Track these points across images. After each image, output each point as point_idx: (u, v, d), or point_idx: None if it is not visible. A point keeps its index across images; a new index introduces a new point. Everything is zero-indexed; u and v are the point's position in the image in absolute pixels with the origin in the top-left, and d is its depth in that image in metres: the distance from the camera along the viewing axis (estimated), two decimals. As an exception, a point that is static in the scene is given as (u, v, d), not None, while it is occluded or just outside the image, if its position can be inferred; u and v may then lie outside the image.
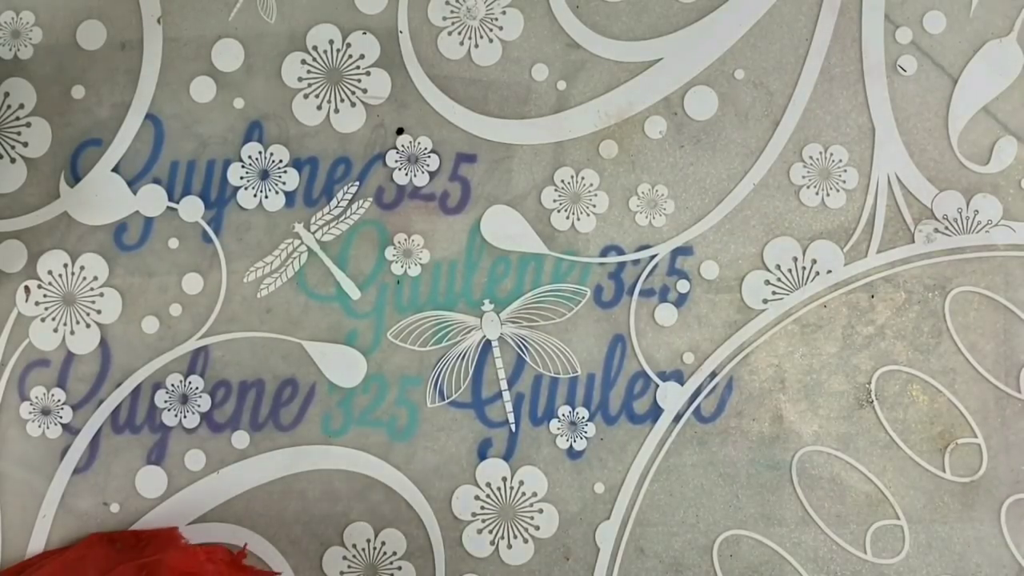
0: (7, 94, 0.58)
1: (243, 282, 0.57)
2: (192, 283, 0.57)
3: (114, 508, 0.56)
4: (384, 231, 0.57)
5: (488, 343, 0.56)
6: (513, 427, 0.56)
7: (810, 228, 0.56)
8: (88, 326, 0.57)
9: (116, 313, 0.57)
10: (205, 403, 0.56)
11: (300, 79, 0.58)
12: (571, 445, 0.56)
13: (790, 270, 0.56)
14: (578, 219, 0.56)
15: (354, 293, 0.57)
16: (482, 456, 0.56)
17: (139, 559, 0.52)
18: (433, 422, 0.56)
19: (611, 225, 0.57)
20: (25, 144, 0.58)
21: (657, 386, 0.56)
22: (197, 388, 0.57)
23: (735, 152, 0.57)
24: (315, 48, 0.58)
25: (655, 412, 0.56)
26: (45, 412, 0.57)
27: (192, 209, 0.57)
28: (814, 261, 0.56)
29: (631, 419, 0.56)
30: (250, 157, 0.57)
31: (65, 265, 0.57)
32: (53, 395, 0.57)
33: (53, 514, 0.56)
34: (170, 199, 0.57)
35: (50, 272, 0.57)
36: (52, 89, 0.58)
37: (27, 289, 0.57)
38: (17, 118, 0.58)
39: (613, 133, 0.57)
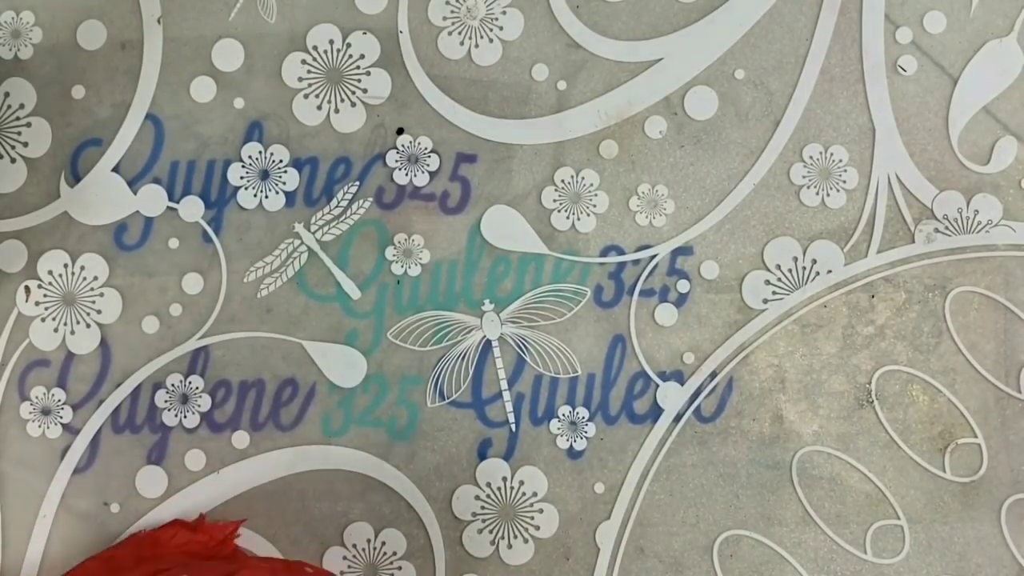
0: (7, 94, 0.58)
1: (243, 282, 0.57)
2: (192, 283, 0.57)
3: (114, 508, 0.56)
4: (384, 231, 0.57)
5: (488, 343, 0.56)
6: (513, 427, 0.56)
7: (810, 228, 0.56)
8: (88, 326, 0.57)
9: (116, 313, 0.57)
10: (205, 403, 0.56)
11: (300, 79, 0.57)
12: (571, 445, 0.56)
13: (790, 270, 0.56)
14: (578, 219, 0.56)
15: (354, 293, 0.57)
16: (482, 456, 0.56)
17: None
18: (433, 422, 0.56)
19: (611, 225, 0.57)
20: (25, 144, 0.58)
21: (657, 386, 0.56)
22: (197, 388, 0.56)
23: (735, 152, 0.57)
24: (315, 48, 0.58)
25: (655, 412, 0.56)
26: (45, 412, 0.57)
27: (192, 209, 0.57)
28: (814, 261, 0.56)
29: (631, 419, 0.56)
30: (250, 157, 0.57)
31: (65, 265, 0.57)
32: (53, 395, 0.57)
33: (53, 514, 0.56)
34: (170, 199, 0.57)
35: (50, 272, 0.57)
36: (52, 89, 0.58)
37: (27, 289, 0.57)
38: (17, 118, 0.58)
39: (613, 133, 0.57)
